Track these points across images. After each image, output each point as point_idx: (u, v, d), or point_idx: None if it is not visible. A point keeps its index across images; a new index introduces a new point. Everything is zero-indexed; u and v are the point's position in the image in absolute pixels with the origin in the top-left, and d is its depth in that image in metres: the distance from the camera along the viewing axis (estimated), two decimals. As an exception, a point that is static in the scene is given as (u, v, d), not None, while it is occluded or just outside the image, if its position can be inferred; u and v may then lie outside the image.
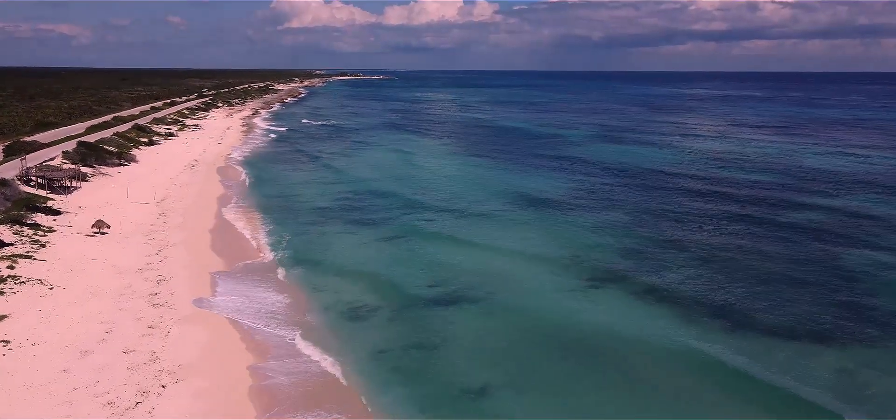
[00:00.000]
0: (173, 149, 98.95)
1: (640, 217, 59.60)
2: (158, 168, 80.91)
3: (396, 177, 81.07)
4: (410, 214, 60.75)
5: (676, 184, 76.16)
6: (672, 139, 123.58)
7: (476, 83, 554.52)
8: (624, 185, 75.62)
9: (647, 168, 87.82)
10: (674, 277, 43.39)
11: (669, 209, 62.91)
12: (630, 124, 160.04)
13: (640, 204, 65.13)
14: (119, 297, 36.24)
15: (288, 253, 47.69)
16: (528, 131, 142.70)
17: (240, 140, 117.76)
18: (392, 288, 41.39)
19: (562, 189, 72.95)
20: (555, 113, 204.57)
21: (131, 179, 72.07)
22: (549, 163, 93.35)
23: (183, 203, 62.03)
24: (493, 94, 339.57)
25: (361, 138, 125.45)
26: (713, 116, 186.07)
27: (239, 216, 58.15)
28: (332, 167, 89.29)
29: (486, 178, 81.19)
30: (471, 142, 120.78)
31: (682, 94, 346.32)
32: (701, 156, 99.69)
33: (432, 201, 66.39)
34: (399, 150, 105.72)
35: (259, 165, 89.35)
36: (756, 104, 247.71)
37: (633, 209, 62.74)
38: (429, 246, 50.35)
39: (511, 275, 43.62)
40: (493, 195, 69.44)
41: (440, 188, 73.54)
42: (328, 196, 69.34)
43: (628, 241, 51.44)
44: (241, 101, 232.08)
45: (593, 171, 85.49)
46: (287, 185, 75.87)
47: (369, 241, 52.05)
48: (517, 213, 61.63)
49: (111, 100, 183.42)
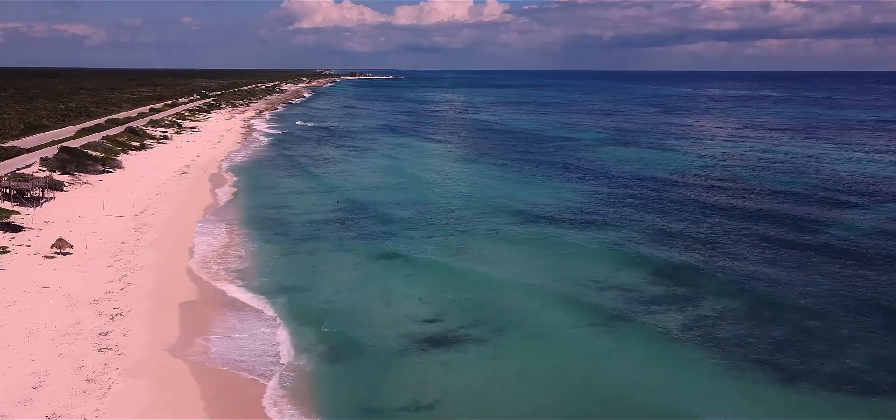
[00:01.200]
0: (165, 153, 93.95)
1: (663, 235, 53.82)
2: (145, 175, 75.85)
3: (397, 186, 75.60)
4: (409, 231, 55.25)
5: (701, 195, 70.25)
6: (690, 143, 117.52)
7: (485, 83, 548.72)
8: (643, 195, 69.82)
9: (667, 175, 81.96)
10: (708, 311, 37.69)
11: (695, 226, 57.11)
12: (644, 126, 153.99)
13: (662, 219, 59.34)
14: (62, 338, 30.95)
15: (271, 279, 42.31)
16: (538, 134, 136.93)
17: (238, 144, 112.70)
18: (385, 324, 35.94)
19: (576, 201, 67.25)
20: (566, 114, 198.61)
21: (113, 188, 67.01)
22: (561, 170, 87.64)
23: (164, 216, 56.82)
24: (502, 95, 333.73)
25: (363, 143, 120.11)
26: (731, 118, 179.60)
27: (222, 233, 52.85)
28: (331, 175, 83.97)
29: (493, 187, 75.58)
30: (478, 146, 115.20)
31: (695, 94, 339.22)
32: (723, 161, 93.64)
33: (434, 216, 60.88)
34: (401, 157, 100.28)
35: (254, 172, 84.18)
36: (774, 105, 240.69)
37: (655, 225, 56.97)
38: (428, 271, 44.80)
39: (521, 308, 38.03)
40: (500, 208, 63.83)
41: (444, 199, 68.01)
42: (323, 208, 63.97)
43: (653, 265, 45.69)
44: (246, 103, 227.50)
45: (609, 180, 79.72)
46: (281, 194, 70.59)
47: (362, 263, 46.58)
48: (527, 229, 55.97)
49: (111, 101, 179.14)
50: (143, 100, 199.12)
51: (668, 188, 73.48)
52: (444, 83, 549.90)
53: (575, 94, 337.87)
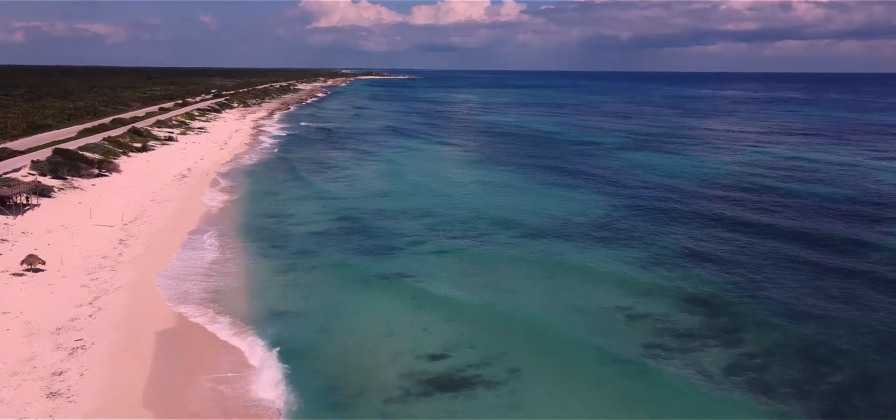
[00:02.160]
0: (168, 155, 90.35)
1: (693, 256, 49.02)
2: (143, 179, 72.14)
3: (405, 194, 71.27)
4: (416, 246, 50.86)
5: (731, 208, 65.27)
6: (715, 148, 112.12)
7: (502, 84, 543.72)
8: (669, 208, 64.95)
9: (692, 185, 76.98)
10: (752, 349, 33.11)
11: (728, 245, 52.20)
12: (665, 130, 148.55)
13: (691, 236, 54.49)
14: (10, 379, 26.93)
15: (261, 303, 38.16)
16: (556, 137, 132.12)
17: (245, 145, 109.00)
18: (385, 360, 31.67)
19: (597, 213, 62.56)
20: (585, 116, 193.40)
21: (106, 194, 63.30)
22: (580, 177, 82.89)
23: (154, 226, 52.91)
24: (519, 96, 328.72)
25: (373, 146, 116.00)
26: (755, 121, 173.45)
27: (214, 246, 48.79)
28: (339, 180, 79.86)
29: (508, 196, 71.04)
30: (492, 150, 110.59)
31: (716, 96, 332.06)
32: (751, 169, 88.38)
33: (444, 228, 56.47)
34: (412, 162, 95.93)
35: (257, 177, 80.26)
36: (798, 108, 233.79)
37: (683, 244, 52.16)
38: (435, 295, 40.39)
39: (539, 342, 33.56)
40: (515, 221, 59.29)
41: (455, 210, 63.56)
42: (325, 218, 59.81)
43: (684, 291, 41.01)
44: (258, 102, 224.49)
45: (631, 189, 74.88)
46: (283, 201, 66.54)
47: (363, 284, 42.27)
48: (544, 246, 51.37)
49: (121, 100, 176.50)
50: (154, 98, 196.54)
51: (695, 200, 68.54)
52: (460, 83, 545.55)
53: (592, 96, 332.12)
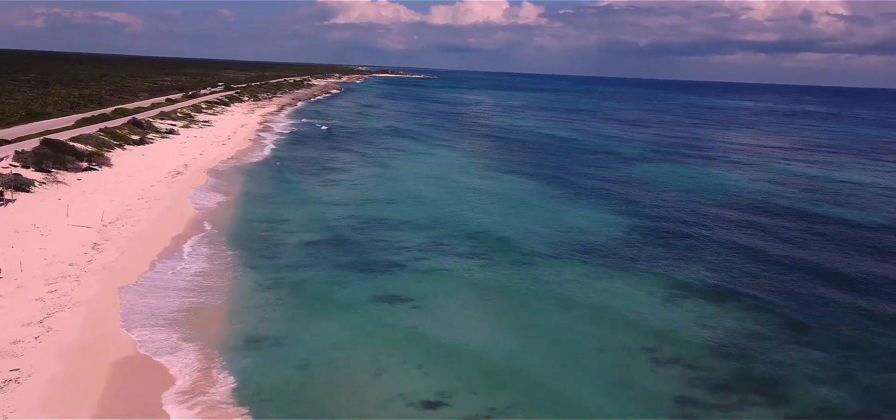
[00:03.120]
0: (166, 149, 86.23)
1: (728, 290, 43.96)
2: (134, 174, 67.95)
3: (412, 201, 66.56)
4: (418, 262, 46.13)
5: (766, 234, 60.11)
6: (741, 163, 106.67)
7: (518, 86, 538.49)
8: (698, 231, 59.87)
9: (722, 204, 71.80)
10: (809, 410, 28.07)
11: (769, 279, 47.09)
12: (688, 140, 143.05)
13: (724, 265, 49.37)
14: (-81, 422, 22.56)
15: (239, 327, 33.64)
16: (574, 143, 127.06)
17: (249, 141, 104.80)
18: (372, 404, 27.02)
19: (618, 231, 57.59)
20: (603, 122, 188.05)
21: (90, 190, 59.09)
22: (600, 189, 77.89)
23: (135, 229, 48.55)
24: (535, 99, 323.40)
25: (381, 148, 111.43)
26: (779, 135, 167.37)
27: (197, 255, 44.35)
28: (342, 183, 75.34)
29: (522, 209, 66.17)
30: (506, 156, 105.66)
31: (737, 106, 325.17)
32: (783, 187, 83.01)
33: (450, 243, 51.68)
34: (421, 166, 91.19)
35: (257, 176, 75.91)
36: (821, 122, 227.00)
37: (716, 275, 47.06)
38: (436, 324, 35.72)
39: (553, 389, 28.75)
40: (529, 237, 54.46)
41: (464, 222, 58.81)
42: (323, 225, 55.26)
43: (723, 334, 36.04)
44: (270, 96, 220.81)
45: (655, 205, 69.81)
46: (280, 205, 62.08)
47: (356, 306, 37.63)
48: (562, 268, 46.48)
49: (129, 89, 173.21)
50: (163, 89, 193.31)
51: (722, 223, 63.32)
52: (476, 84, 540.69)
53: (609, 102, 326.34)
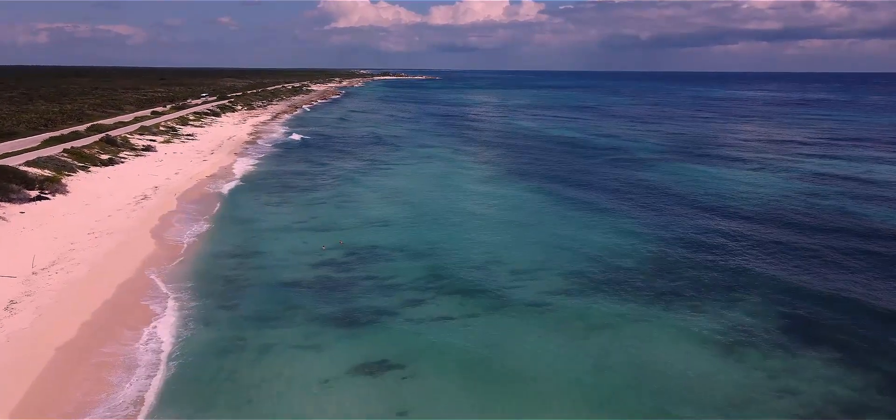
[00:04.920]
0: (137, 170, 78.38)
1: (797, 330, 35.78)
2: (91, 203, 60.08)
3: (408, 222, 58.45)
4: (413, 308, 37.95)
5: (816, 244, 51.81)
6: (767, 158, 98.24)
7: (521, 84, 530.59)
8: (733, 246, 51.59)
9: (759, 208, 63.54)
10: None
11: (837, 310, 38.86)
12: (704, 135, 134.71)
13: (783, 292, 41.06)
14: None
15: (175, 411, 25.69)
16: (582, 144, 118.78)
17: (233, 155, 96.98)
18: None
19: (648, 250, 49.34)
20: (610, 119, 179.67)
21: (33, 225, 51.19)
22: (619, 197, 69.65)
23: (70, 277, 40.58)
24: (539, 97, 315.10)
25: (378, 157, 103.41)
26: (798, 126, 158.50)
27: (140, 313, 36.41)
28: (331, 202, 67.28)
29: (535, 225, 58.01)
30: (512, 162, 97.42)
31: (747, 97, 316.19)
32: (819, 186, 74.65)
33: (451, 275, 43.55)
34: (420, 177, 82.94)
35: (236, 198, 68.00)
36: (837, 111, 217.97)
37: (777, 309, 38.79)
38: (432, 399, 27.70)
39: None
40: (545, 263, 46.31)
41: (468, 246, 50.67)
42: (303, 259, 47.21)
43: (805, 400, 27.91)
44: (265, 104, 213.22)
45: (684, 213, 61.59)
46: (257, 234, 54.07)
47: (332, 379, 29.51)
48: (586, 307, 38.27)
49: (115, 102, 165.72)
50: (153, 100, 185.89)
51: (766, 231, 55.07)
52: (478, 84, 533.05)
53: (614, 97, 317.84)
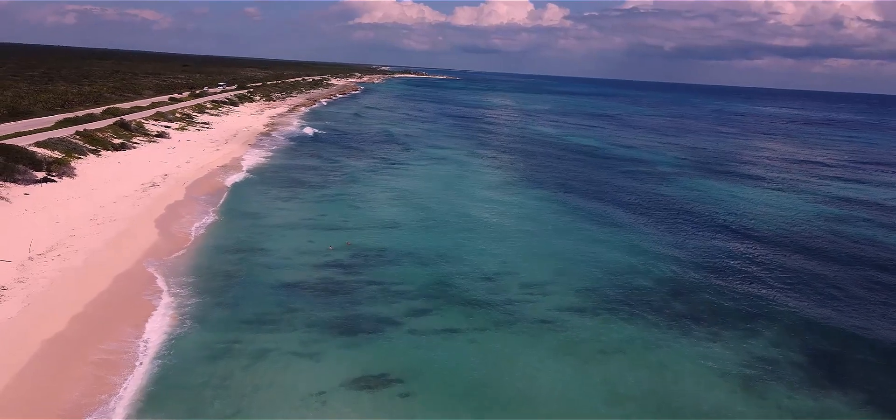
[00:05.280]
0: (148, 156, 76.99)
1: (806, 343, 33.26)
2: (98, 187, 58.60)
3: (419, 226, 56.36)
4: (420, 318, 35.82)
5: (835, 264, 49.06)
6: (796, 179, 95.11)
7: (541, 89, 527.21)
8: (754, 258, 49.00)
9: (777, 227, 60.80)
10: None
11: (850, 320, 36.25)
12: (726, 149, 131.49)
13: (792, 303, 38.55)
14: None
15: None
16: (604, 154, 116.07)
17: (247, 145, 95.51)
18: None
19: (667, 270, 46.87)
20: (633, 129, 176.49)
21: (37, 208, 49.70)
22: (635, 208, 67.13)
23: (66, 264, 38.91)
24: (560, 103, 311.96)
25: (391, 156, 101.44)
26: (823, 146, 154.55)
27: (136, 302, 34.64)
28: (341, 200, 65.37)
29: (549, 238, 55.66)
30: (529, 168, 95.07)
31: (771, 114, 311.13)
32: (853, 208, 71.63)
33: (462, 285, 41.39)
34: (433, 179, 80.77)
35: (245, 190, 66.34)
36: (869, 132, 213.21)
37: (787, 320, 36.29)
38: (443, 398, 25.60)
39: None
40: (561, 278, 44.04)
41: (480, 255, 48.46)
42: (309, 259, 45.28)
43: None
44: (283, 96, 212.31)
45: (705, 232, 58.99)
46: (264, 229, 52.25)
47: (329, 394, 27.49)
48: (601, 327, 35.98)
49: (134, 87, 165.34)
50: (173, 87, 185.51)
51: (794, 258, 52.32)
52: (499, 86, 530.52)
53: (637, 106, 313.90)
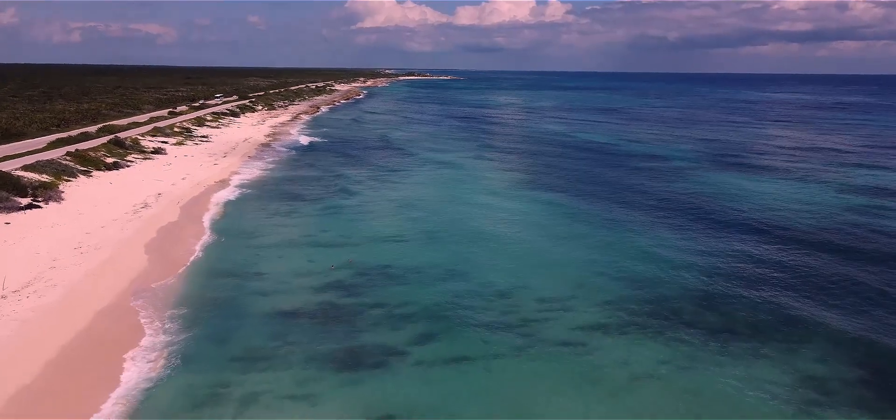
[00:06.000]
0: (142, 174, 74.04)
1: (858, 359, 29.68)
2: (86, 211, 55.61)
3: (426, 237, 52.99)
4: (425, 347, 32.43)
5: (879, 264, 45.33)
6: (813, 167, 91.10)
7: (547, 85, 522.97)
8: (788, 261, 45.37)
9: (809, 223, 57.08)
10: None
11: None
12: (741, 140, 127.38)
13: (836, 311, 34.92)
14: None
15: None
16: (612, 150, 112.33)
17: (247, 158, 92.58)
18: None
19: (695, 279, 43.32)
20: (642, 122, 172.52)
21: (17, 237, 46.71)
22: (654, 209, 63.54)
23: (42, 302, 35.80)
24: (566, 99, 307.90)
25: (397, 163, 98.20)
26: (841, 131, 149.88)
27: (116, 341, 31.50)
28: (343, 213, 62.13)
29: (565, 245, 52.13)
30: (540, 169, 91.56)
31: (781, 100, 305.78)
32: (877, 198, 67.75)
33: (472, 306, 38.01)
34: (439, 186, 77.29)
35: (243, 206, 63.22)
36: (882, 114, 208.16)
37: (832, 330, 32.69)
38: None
39: None
40: (579, 293, 40.59)
41: (491, 270, 45.02)
42: (310, 281, 42.03)
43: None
44: (286, 104, 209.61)
45: (733, 232, 55.36)
46: (260, 250, 49.03)
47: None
48: (631, 350, 32.55)
49: (134, 102, 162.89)
50: (174, 100, 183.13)
51: (824, 253, 48.64)
52: (504, 84, 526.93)
53: (644, 99, 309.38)
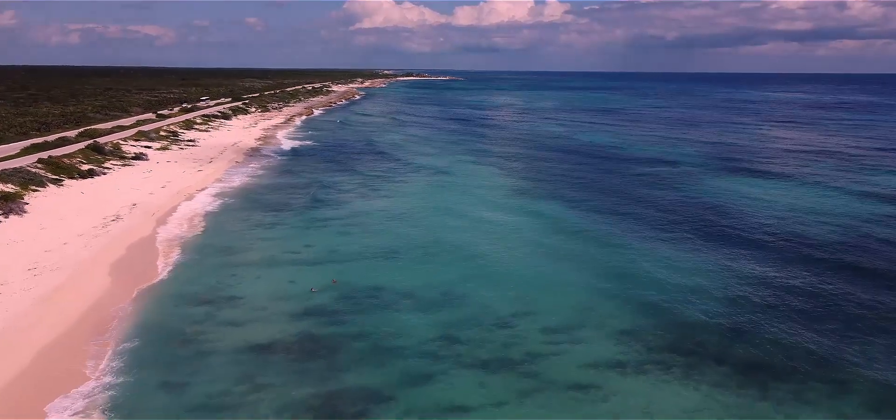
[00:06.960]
0: (119, 182, 69.68)
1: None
2: (50, 226, 51.22)
3: (420, 253, 48.63)
4: (420, 391, 28.12)
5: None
6: (828, 170, 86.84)
7: (546, 85, 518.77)
8: (819, 281, 41.14)
9: (836, 235, 52.82)
10: None
11: None
12: (748, 142, 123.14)
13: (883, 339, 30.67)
14: None
15: None
16: (616, 154, 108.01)
17: (234, 163, 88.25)
18: None
19: (712, 287, 39.01)
20: (644, 124, 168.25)
21: (-31, 258, 42.39)
22: (669, 223, 59.25)
23: (-18, 335, 31.50)
24: (565, 99, 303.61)
25: (390, 169, 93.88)
26: (849, 131, 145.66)
27: (66, 386, 27.19)
28: (331, 227, 57.76)
29: (572, 262, 47.78)
30: (542, 175, 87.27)
31: (783, 99, 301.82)
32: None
33: (470, 336, 33.61)
34: (436, 194, 72.86)
35: (223, 219, 58.83)
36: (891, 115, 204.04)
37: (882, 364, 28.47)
38: None
39: None
40: (585, 310, 36.31)
41: (490, 290, 40.66)
42: (289, 305, 37.68)
43: None
44: (280, 106, 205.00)
45: (748, 242, 51.09)
46: (237, 269, 44.64)
47: None
48: (642, 375, 28.22)
49: (121, 104, 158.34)
50: (164, 102, 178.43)
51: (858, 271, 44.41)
52: (503, 85, 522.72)
53: (645, 99, 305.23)
